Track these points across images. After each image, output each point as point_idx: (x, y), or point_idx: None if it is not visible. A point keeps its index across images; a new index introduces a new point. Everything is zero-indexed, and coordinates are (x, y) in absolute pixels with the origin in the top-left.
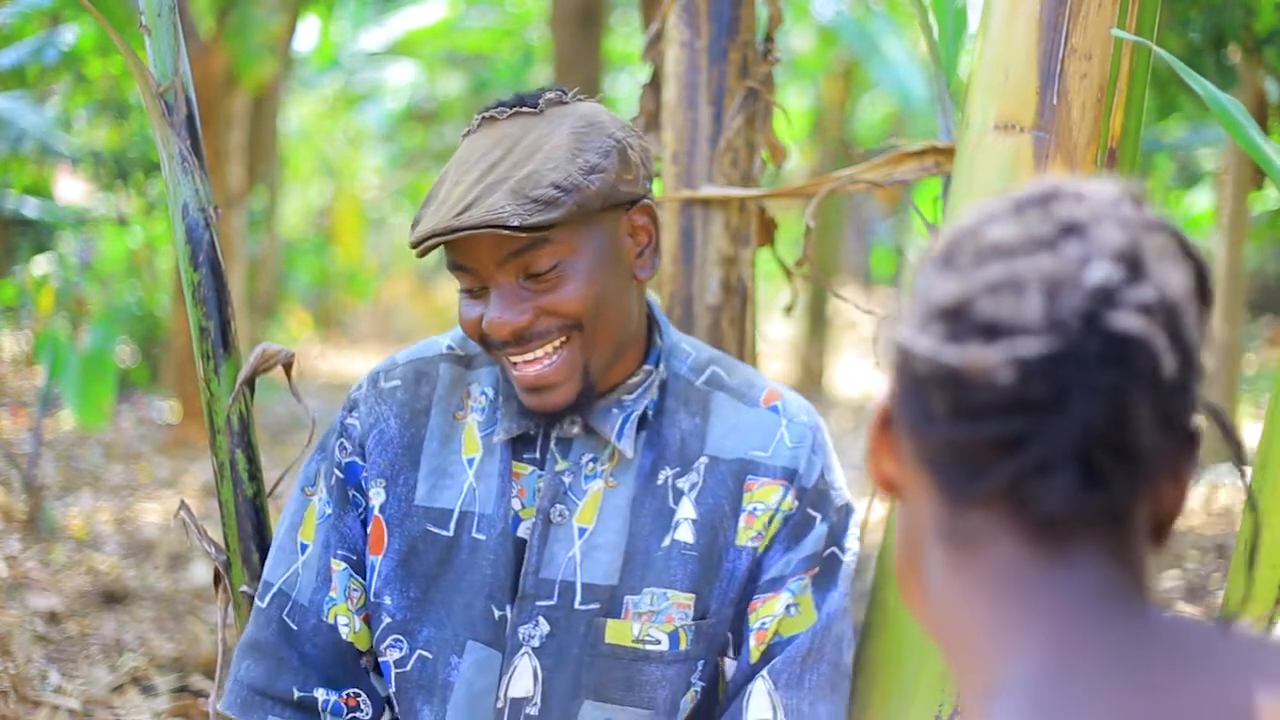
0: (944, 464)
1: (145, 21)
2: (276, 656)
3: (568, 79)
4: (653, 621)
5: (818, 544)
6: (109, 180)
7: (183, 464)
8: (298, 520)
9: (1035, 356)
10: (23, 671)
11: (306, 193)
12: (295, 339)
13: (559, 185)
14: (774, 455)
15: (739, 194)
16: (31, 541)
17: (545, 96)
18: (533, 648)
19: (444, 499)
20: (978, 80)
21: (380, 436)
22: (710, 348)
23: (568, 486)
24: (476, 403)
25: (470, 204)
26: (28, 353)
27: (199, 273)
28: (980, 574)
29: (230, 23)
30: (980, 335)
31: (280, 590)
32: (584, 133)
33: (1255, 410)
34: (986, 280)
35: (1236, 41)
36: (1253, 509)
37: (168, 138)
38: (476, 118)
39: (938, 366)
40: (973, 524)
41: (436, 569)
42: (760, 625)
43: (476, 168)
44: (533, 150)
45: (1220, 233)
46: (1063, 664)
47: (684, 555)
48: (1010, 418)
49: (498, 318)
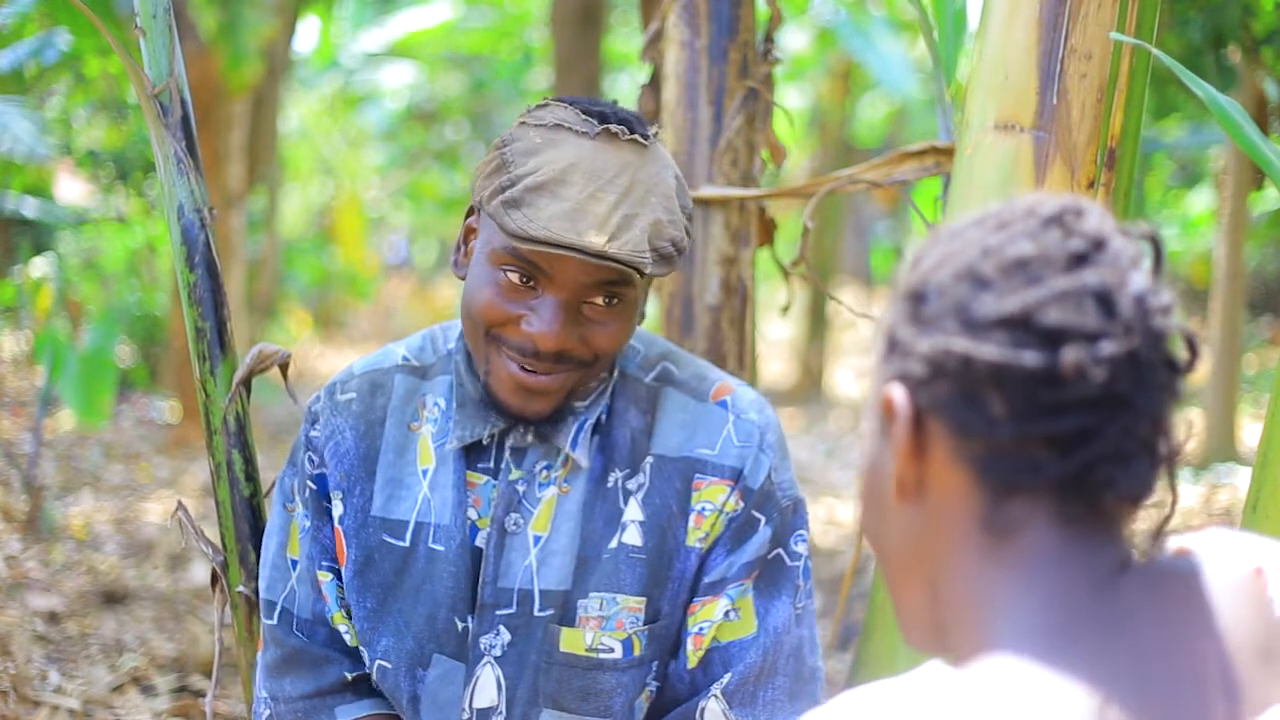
0: (997, 460)
1: (140, 23)
2: (312, 657)
3: (568, 79)
4: (604, 628)
5: (761, 548)
6: (108, 180)
7: (183, 464)
8: (284, 538)
9: (1117, 355)
10: (23, 671)
11: (306, 193)
12: (295, 339)
13: (676, 244)
14: (721, 454)
15: (739, 194)
16: (31, 541)
17: (648, 129)
18: (495, 657)
19: (399, 510)
20: (977, 80)
21: (336, 449)
22: (664, 342)
23: (522, 495)
24: (430, 413)
25: (614, 233)
26: (28, 353)
27: (195, 273)
28: (1012, 557)
29: (221, 24)
30: (1048, 341)
31: (284, 608)
32: (680, 189)
33: (1255, 410)
34: (1051, 291)
35: (1236, 41)
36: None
37: (163, 139)
38: (593, 124)
39: (1010, 370)
40: (1014, 512)
41: (393, 579)
42: (699, 629)
43: (611, 189)
44: (649, 189)
45: (1220, 233)
46: (1059, 628)
47: (632, 559)
48: (1091, 412)
49: (549, 330)
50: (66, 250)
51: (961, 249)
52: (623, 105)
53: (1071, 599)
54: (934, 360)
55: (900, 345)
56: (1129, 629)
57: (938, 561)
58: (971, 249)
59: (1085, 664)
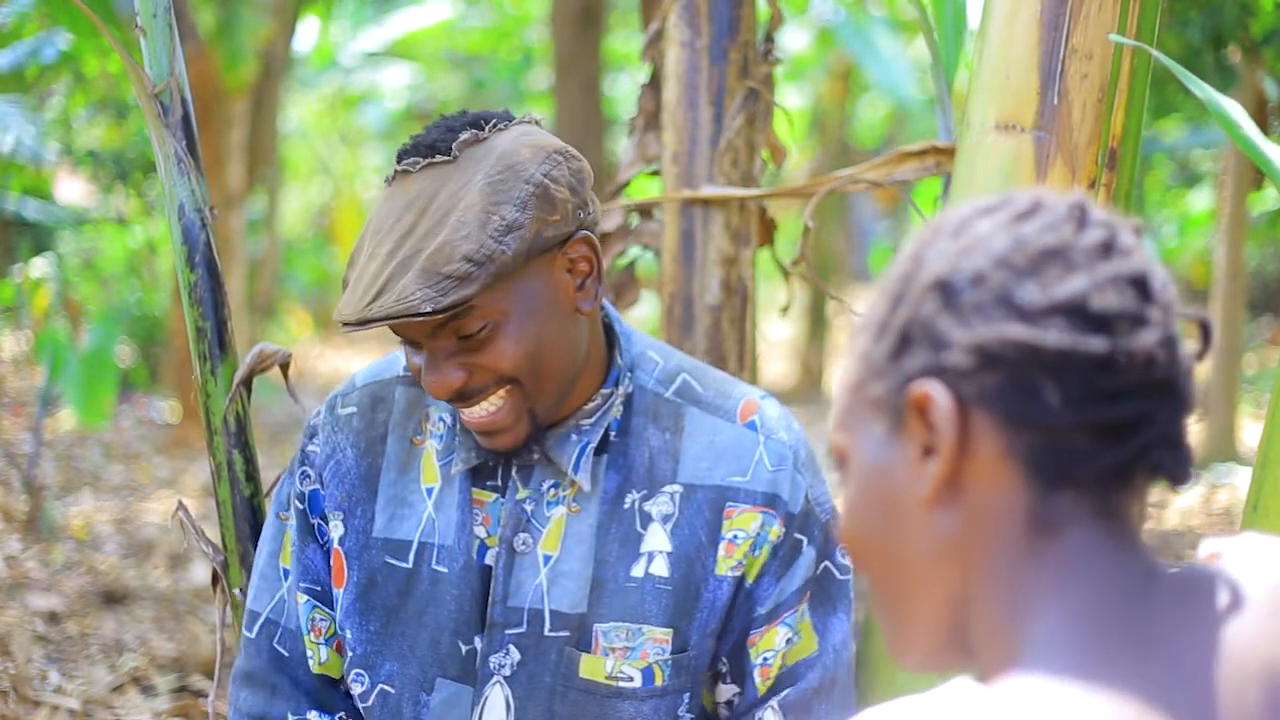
0: (1049, 451)
1: (141, 23)
2: (269, 684)
3: (568, 79)
4: (627, 658)
5: (809, 569)
6: (108, 180)
7: (183, 464)
8: (276, 546)
9: (1162, 339)
10: (23, 671)
11: (306, 193)
12: (295, 339)
13: (470, 258)
14: (753, 480)
15: (739, 194)
16: (31, 541)
17: (461, 138)
18: (504, 676)
19: (402, 530)
20: (978, 80)
21: (337, 468)
22: (680, 354)
23: (530, 514)
24: (435, 428)
25: (381, 289)
26: (28, 353)
27: (195, 273)
28: (1054, 556)
29: (218, 24)
30: (1100, 327)
31: (268, 619)
32: (499, 182)
33: (1255, 410)
34: (1096, 278)
35: (1235, 42)
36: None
37: (163, 139)
38: (392, 168)
39: (1072, 357)
40: (1061, 507)
41: (396, 601)
42: (763, 660)
43: (389, 238)
44: (445, 211)
45: (1220, 233)
46: (1094, 633)
47: (659, 590)
48: (1145, 398)
49: (433, 380)
50: (66, 250)
51: (983, 239)
52: (473, 110)
53: (1106, 605)
54: (984, 350)
55: (932, 338)
56: (1161, 637)
57: (974, 566)
58: (998, 239)
59: (1119, 678)
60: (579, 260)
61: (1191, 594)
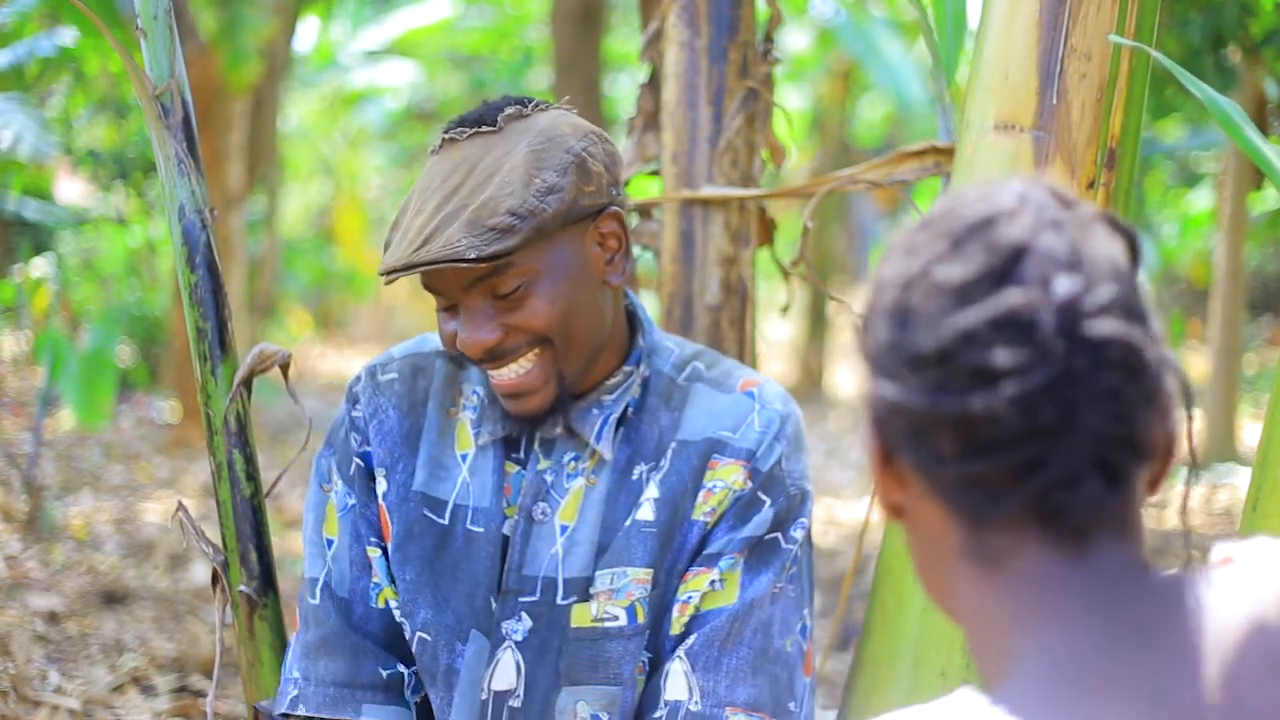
0: (960, 494)
1: (141, 24)
2: (349, 646)
3: (568, 79)
4: (613, 599)
5: (760, 527)
6: (108, 180)
7: (183, 464)
8: (321, 515)
9: (1036, 389)
10: (23, 671)
11: (306, 193)
12: (295, 339)
13: (514, 212)
14: (741, 437)
15: (739, 194)
16: (31, 541)
17: (505, 112)
18: (515, 642)
19: (440, 489)
20: (977, 80)
21: (380, 427)
22: (695, 345)
23: (550, 485)
24: (469, 401)
25: (428, 237)
26: (28, 353)
27: (196, 274)
28: (1007, 581)
29: (221, 24)
30: (971, 379)
31: (326, 583)
32: (542, 150)
33: (1255, 410)
34: (962, 326)
35: (1235, 42)
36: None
37: (164, 139)
38: (439, 137)
39: (938, 416)
40: (994, 542)
41: (432, 552)
42: (686, 598)
43: (436, 195)
44: (490, 173)
45: (1220, 233)
46: (1076, 653)
47: (644, 533)
48: (1026, 446)
49: (468, 337)
50: (66, 250)
51: (899, 272)
52: (514, 95)
53: (1088, 618)
54: (880, 403)
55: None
56: (1158, 644)
57: (947, 575)
58: (902, 274)
59: (1107, 688)
60: (609, 235)
61: (1197, 597)
